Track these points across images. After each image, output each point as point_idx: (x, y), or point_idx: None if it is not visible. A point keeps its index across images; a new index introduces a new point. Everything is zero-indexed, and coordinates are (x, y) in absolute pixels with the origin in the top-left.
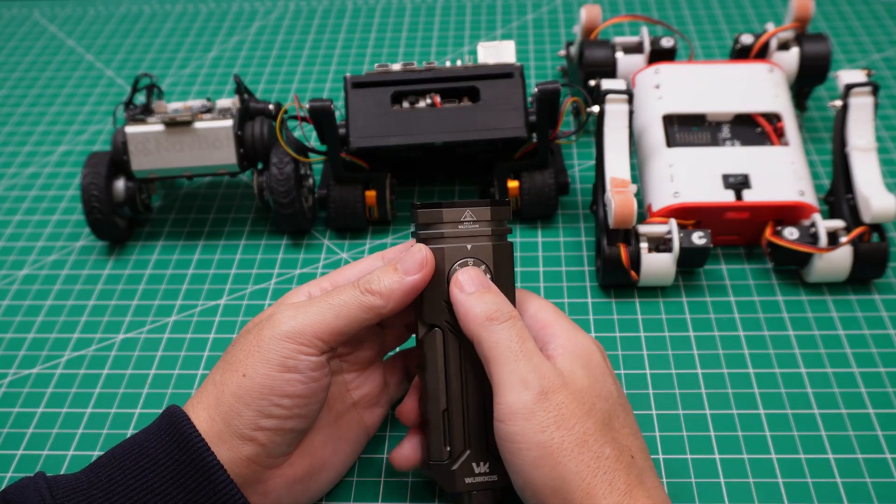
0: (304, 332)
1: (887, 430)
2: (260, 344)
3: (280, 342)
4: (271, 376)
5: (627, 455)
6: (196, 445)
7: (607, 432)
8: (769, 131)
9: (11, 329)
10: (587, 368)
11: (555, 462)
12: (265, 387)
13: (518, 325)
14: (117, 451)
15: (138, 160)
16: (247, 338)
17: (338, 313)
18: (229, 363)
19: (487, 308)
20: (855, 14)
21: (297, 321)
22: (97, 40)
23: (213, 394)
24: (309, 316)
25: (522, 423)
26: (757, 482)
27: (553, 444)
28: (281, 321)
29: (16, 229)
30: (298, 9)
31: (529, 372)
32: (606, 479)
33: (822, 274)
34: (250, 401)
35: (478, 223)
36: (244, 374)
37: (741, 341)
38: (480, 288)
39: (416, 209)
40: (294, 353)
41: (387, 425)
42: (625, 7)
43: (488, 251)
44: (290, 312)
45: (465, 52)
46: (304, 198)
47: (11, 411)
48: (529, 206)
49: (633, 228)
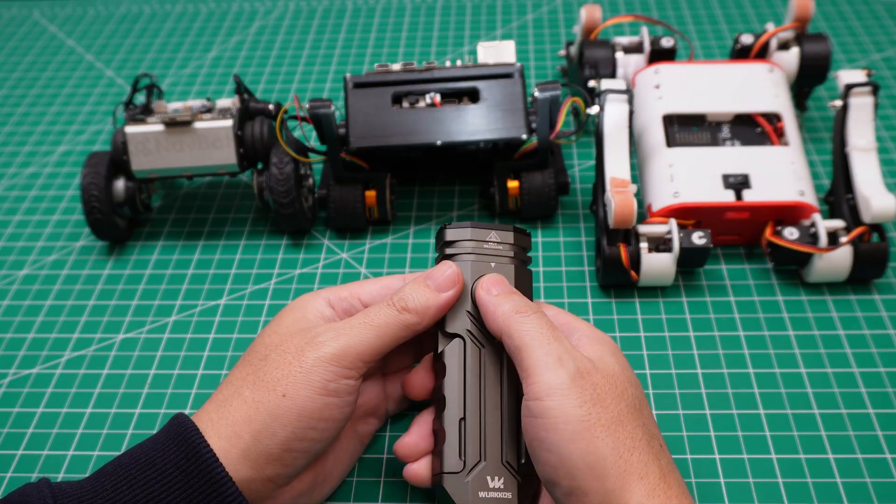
0: (347, 354)
1: (887, 430)
2: (302, 365)
3: (325, 365)
4: (313, 399)
5: (657, 442)
6: (204, 456)
7: (639, 416)
8: (769, 131)
9: (11, 329)
10: (615, 356)
11: (592, 437)
12: (305, 409)
13: (545, 318)
14: (123, 459)
15: (138, 160)
16: (283, 356)
17: (378, 333)
18: (263, 381)
19: (514, 305)
20: (855, 14)
21: (340, 343)
22: (97, 40)
23: (243, 411)
24: (351, 338)
25: (560, 398)
26: (757, 482)
27: (591, 419)
28: (324, 343)
29: (16, 229)
30: (298, 9)
31: (564, 353)
32: (641, 461)
33: (822, 274)
34: (287, 422)
35: (501, 245)
36: (284, 395)
37: (741, 341)
38: (505, 290)
39: (445, 228)
40: (337, 376)
41: (386, 426)
42: (625, 7)
43: (510, 271)
44: (331, 333)
45: (465, 52)
46: (304, 198)
47: (11, 411)
48: (529, 206)
49: (633, 228)
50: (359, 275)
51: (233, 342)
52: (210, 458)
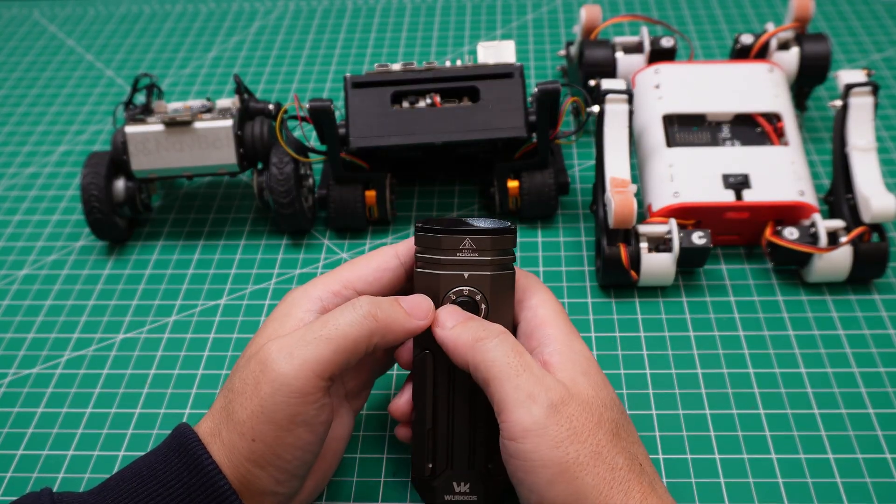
0: (305, 377)
1: (887, 430)
2: (263, 402)
3: (284, 399)
4: (282, 436)
5: (637, 463)
6: (207, 469)
7: (617, 442)
8: (769, 131)
9: (11, 329)
10: (588, 376)
11: (572, 478)
12: (279, 446)
13: (510, 340)
14: (125, 473)
15: (138, 160)
16: (244, 389)
17: (336, 348)
18: (234, 422)
19: (473, 333)
20: (855, 14)
21: (294, 366)
22: (97, 40)
23: (224, 453)
24: (307, 359)
25: (535, 439)
26: (757, 482)
27: (569, 460)
28: (277, 370)
29: (16, 229)
30: (298, 9)
31: (534, 385)
32: (622, 490)
33: (822, 274)
34: (265, 464)
35: (477, 252)
36: (253, 440)
37: (741, 341)
38: (460, 320)
39: (418, 230)
40: (300, 406)
41: (386, 426)
42: (625, 7)
43: (486, 281)
44: (283, 354)
45: (465, 52)
46: (304, 198)
47: (11, 411)
48: (529, 206)
49: (633, 228)
50: None
51: (233, 342)
52: (213, 470)
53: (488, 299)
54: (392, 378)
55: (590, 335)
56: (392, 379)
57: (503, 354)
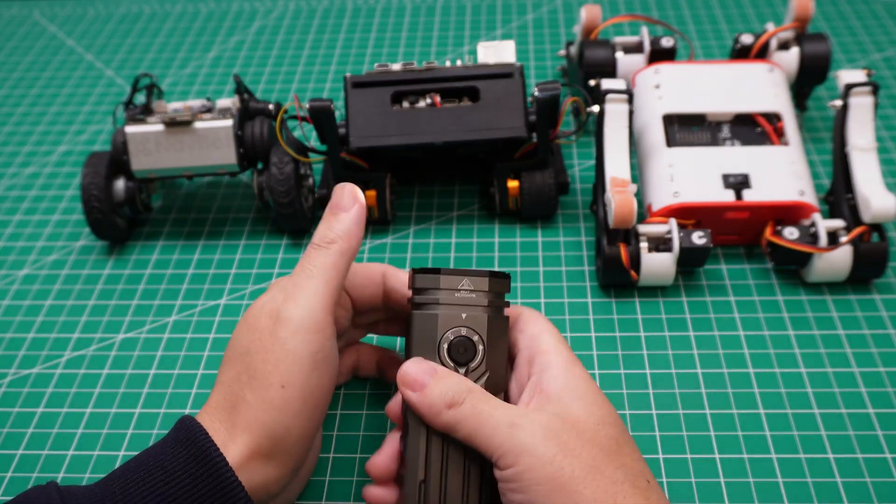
0: (314, 314)
1: (887, 429)
2: (284, 346)
3: (302, 336)
4: (308, 376)
5: (643, 480)
6: (214, 460)
7: (616, 458)
8: (769, 131)
9: (11, 329)
10: (582, 399)
11: (570, 491)
12: (306, 390)
13: (478, 396)
14: (132, 464)
15: (138, 160)
16: (261, 344)
17: (325, 278)
18: (257, 378)
19: (444, 396)
20: (855, 14)
21: (301, 306)
22: (97, 40)
23: (252, 414)
24: (309, 297)
25: (528, 459)
26: (757, 482)
27: (564, 475)
28: (290, 315)
29: (16, 229)
30: (298, 9)
31: (517, 417)
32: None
33: (822, 274)
34: (297, 411)
35: (475, 293)
36: (283, 386)
37: (741, 341)
38: (426, 377)
39: (414, 273)
40: (318, 342)
41: (385, 426)
42: (625, 7)
43: (483, 322)
44: (290, 303)
45: (465, 52)
46: (304, 198)
47: (11, 411)
48: (529, 206)
49: (633, 228)
50: None
51: None
52: (219, 460)
53: (485, 341)
54: None
55: (590, 335)
56: None
57: (476, 412)
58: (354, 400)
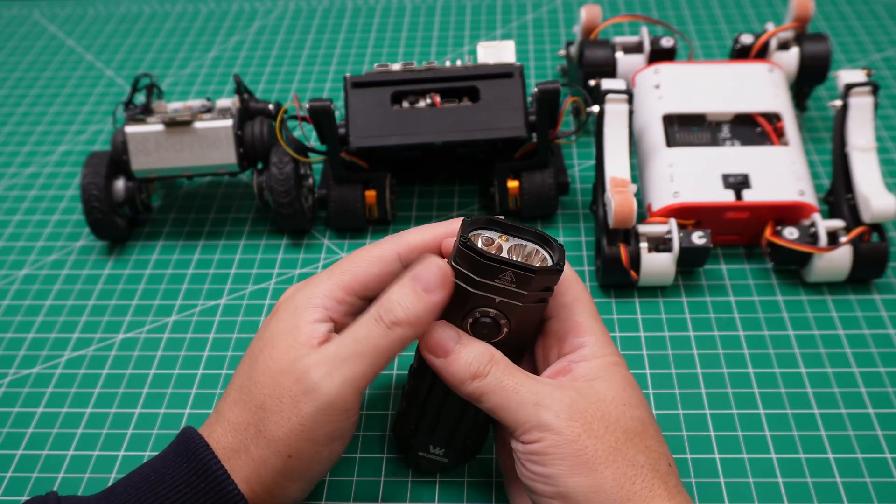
0: (346, 396)
1: (887, 430)
2: (303, 421)
3: (325, 417)
4: (319, 451)
5: (665, 463)
6: (215, 473)
7: (640, 440)
8: (769, 131)
9: (11, 329)
10: (610, 380)
11: (591, 470)
12: (313, 461)
13: (502, 369)
14: (133, 477)
15: (138, 160)
16: (280, 408)
17: (372, 361)
18: (266, 439)
19: (469, 366)
20: (855, 14)
21: (335, 385)
22: (97, 40)
23: (252, 468)
24: (346, 378)
25: (552, 436)
26: (757, 482)
27: (587, 453)
28: (319, 390)
29: (16, 229)
30: (298, 9)
31: (542, 396)
32: (646, 487)
33: (822, 274)
34: (297, 477)
35: (516, 284)
36: (290, 456)
37: (741, 341)
38: (451, 343)
39: (460, 245)
40: (340, 424)
41: (386, 426)
42: (625, 7)
43: (516, 310)
44: (323, 373)
45: (465, 52)
46: (304, 198)
47: (11, 411)
48: (529, 206)
49: (633, 228)
50: None
51: (233, 342)
52: (221, 474)
53: (512, 324)
54: (392, 378)
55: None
56: (392, 378)
57: (501, 387)
58: None
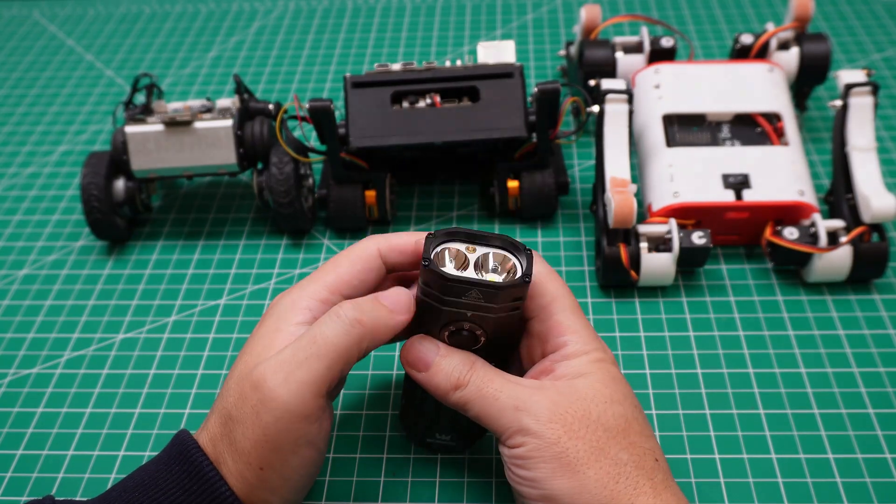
0: (304, 400)
1: (887, 430)
2: (266, 431)
3: (286, 425)
4: (288, 460)
5: (651, 459)
6: (208, 476)
7: (624, 437)
8: (769, 131)
9: (11, 329)
10: (591, 377)
11: (573, 471)
12: (284, 471)
13: (481, 377)
14: (128, 483)
15: (138, 160)
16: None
17: (329, 363)
18: (238, 451)
19: (449, 378)
20: (855, 14)
21: (292, 389)
22: (97, 40)
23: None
24: (303, 381)
25: (533, 440)
26: (757, 482)
27: (569, 455)
28: (276, 397)
29: (16, 229)
30: (298, 9)
31: (521, 399)
32: (630, 484)
33: (822, 274)
34: (275, 488)
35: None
36: (261, 468)
37: (741, 341)
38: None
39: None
40: (303, 429)
41: (386, 426)
42: (625, 7)
43: (489, 322)
44: (280, 378)
45: (465, 52)
46: (304, 198)
47: (11, 411)
48: (529, 206)
49: (633, 228)
50: None
51: (233, 342)
52: (213, 477)
53: (489, 333)
54: (392, 377)
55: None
56: (392, 378)
57: (480, 395)
58: (355, 400)
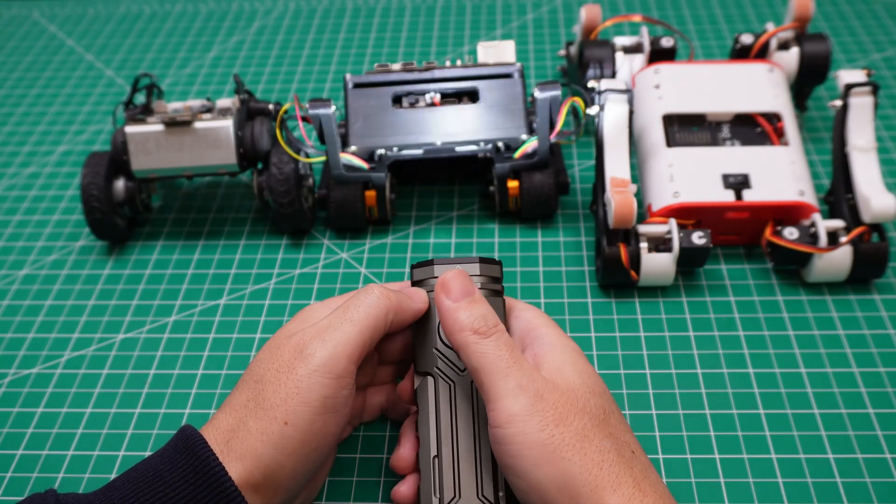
0: (338, 360)
1: (887, 430)
2: (298, 384)
3: (319, 379)
4: (313, 421)
5: (628, 450)
6: (213, 470)
7: (604, 427)
8: (769, 131)
9: (11, 329)
10: (575, 366)
11: (558, 458)
12: (308, 433)
13: (504, 338)
14: (131, 474)
15: (138, 160)
16: (276, 376)
17: (361, 328)
18: (263, 407)
19: (473, 320)
20: (855, 14)
21: (328, 349)
22: (97, 40)
23: (250, 443)
24: (339, 342)
25: (521, 424)
26: (757, 482)
27: (554, 441)
28: (313, 354)
29: (16, 229)
30: (298, 9)
31: (523, 377)
32: (612, 473)
33: (822, 274)
34: (292, 451)
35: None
36: (286, 423)
37: (741, 341)
38: (467, 297)
39: (413, 268)
40: (334, 389)
41: (387, 426)
42: (625, 7)
43: None
44: (317, 341)
45: (465, 52)
46: (304, 198)
47: (11, 411)
48: (529, 206)
49: (633, 228)
50: (359, 275)
51: (233, 342)
52: (219, 471)
53: None
54: None
55: (590, 335)
56: None
57: (495, 349)
58: None
